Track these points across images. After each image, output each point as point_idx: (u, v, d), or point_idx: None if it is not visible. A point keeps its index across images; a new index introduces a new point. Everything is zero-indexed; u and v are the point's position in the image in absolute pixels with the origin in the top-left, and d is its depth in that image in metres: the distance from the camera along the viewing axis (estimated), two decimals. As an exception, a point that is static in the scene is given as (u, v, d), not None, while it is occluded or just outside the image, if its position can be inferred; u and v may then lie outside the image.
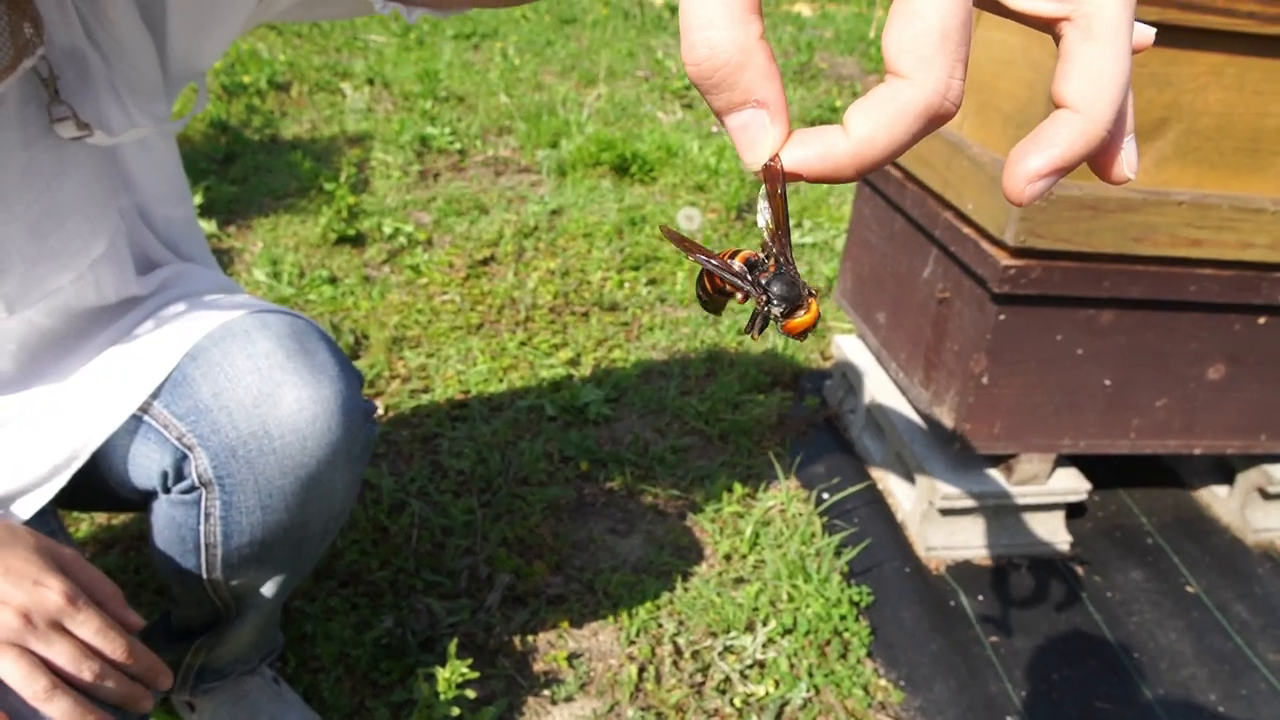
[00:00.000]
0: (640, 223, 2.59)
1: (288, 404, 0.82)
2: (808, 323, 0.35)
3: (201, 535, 0.86)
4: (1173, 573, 1.52)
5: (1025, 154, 0.29)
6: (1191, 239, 1.25)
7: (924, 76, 0.27)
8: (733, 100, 0.28)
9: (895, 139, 0.28)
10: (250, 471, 0.83)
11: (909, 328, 1.51)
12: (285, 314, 0.88)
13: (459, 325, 2.03)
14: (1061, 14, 0.29)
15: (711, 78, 0.28)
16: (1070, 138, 0.29)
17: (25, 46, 0.67)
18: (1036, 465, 1.44)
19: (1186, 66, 1.16)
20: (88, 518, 1.43)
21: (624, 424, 1.77)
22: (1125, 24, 0.29)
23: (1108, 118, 0.29)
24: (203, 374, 0.83)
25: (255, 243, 2.35)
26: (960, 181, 1.31)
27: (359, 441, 0.89)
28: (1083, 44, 0.29)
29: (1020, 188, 0.30)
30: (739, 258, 0.36)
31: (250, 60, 3.61)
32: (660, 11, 5.69)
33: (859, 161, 0.28)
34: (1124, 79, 0.29)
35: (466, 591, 1.36)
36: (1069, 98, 0.29)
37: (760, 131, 0.29)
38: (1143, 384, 1.39)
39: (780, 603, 1.37)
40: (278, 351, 0.83)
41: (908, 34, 0.27)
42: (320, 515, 0.90)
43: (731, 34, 0.27)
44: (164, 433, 0.83)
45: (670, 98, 3.93)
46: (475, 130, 3.28)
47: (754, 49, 0.27)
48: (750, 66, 0.28)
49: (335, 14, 0.84)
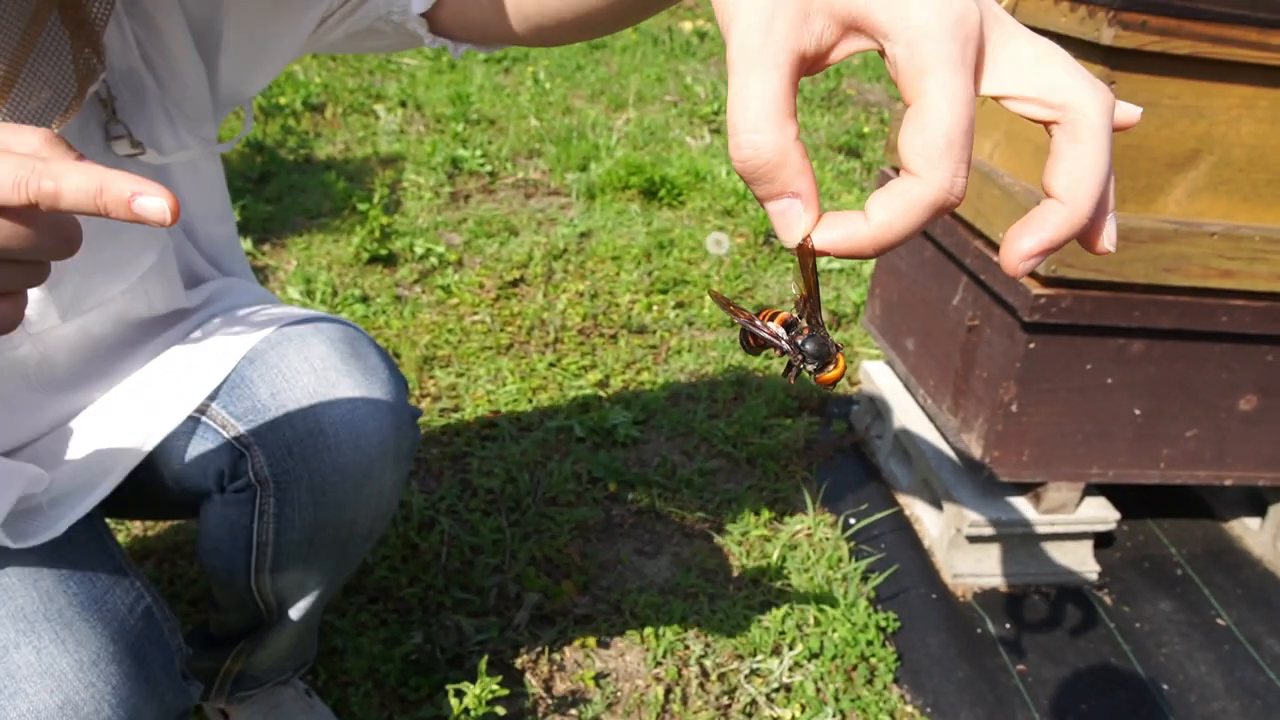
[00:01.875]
0: (668, 246, 2.61)
1: (342, 403, 0.85)
2: (835, 377, 0.42)
3: (254, 533, 0.88)
4: (1203, 605, 1.51)
5: (1019, 236, 0.35)
6: (1223, 270, 1.25)
7: (932, 176, 0.33)
8: (772, 191, 0.34)
9: (907, 226, 0.34)
10: (305, 469, 0.85)
11: (938, 355, 1.52)
12: (336, 320, 0.91)
13: (489, 345, 2.06)
14: (1052, 118, 0.35)
15: (755, 173, 0.34)
16: (1056, 224, 0.35)
17: (89, 74, 0.70)
18: (1065, 494, 1.44)
19: (1219, 99, 1.17)
20: (124, 529, 1.46)
21: (652, 446, 1.78)
22: (1105, 127, 0.35)
23: (1088, 208, 0.35)
24: (260, 376, 0.85)
25: (289, 261, 2.39)
26: (991, 210, 1.32)
27: (406, 442, 0.92)
28: (1069, 145, 0.35)
29: (1015, 264, 0.36)
30: (778, 319, 0.43)
31: (286, 82, 3.68)
32: (689, 38, 5.74)
33: (877, 244, 0.35)
34: (1104, 174, 0.35)
35: (495, 609, 1.37)
36: (1057, 190, 0.35)
37: (795, 217, 0.35)
38: (1173, 414, 1.39)
39: (807, 627, 1.38)
40: (332, 354, 0.86)
41: (919, 141, 0.33)
42: (368, 514, 0.92)
43: (773, 138, 0.33)
44: (221, 432, 0.86)
45: (698, 122, 3.96)
46: (506, 153, 3.32)
47: (790, 149, 0.33)
48: (788, 165, 0.33)
49: (382, 47, 0.87)
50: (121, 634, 0.75)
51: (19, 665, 0.68)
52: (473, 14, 0.75)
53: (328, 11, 0.79)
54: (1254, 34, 1.11)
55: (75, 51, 0.69)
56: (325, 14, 0.80)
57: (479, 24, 0.75)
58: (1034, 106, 0.35)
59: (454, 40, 0.79)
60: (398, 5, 0.77)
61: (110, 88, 0.78)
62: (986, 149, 1.38)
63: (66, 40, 0.68)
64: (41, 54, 0.66)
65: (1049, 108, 0.35)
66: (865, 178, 3.45)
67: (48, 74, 0.67)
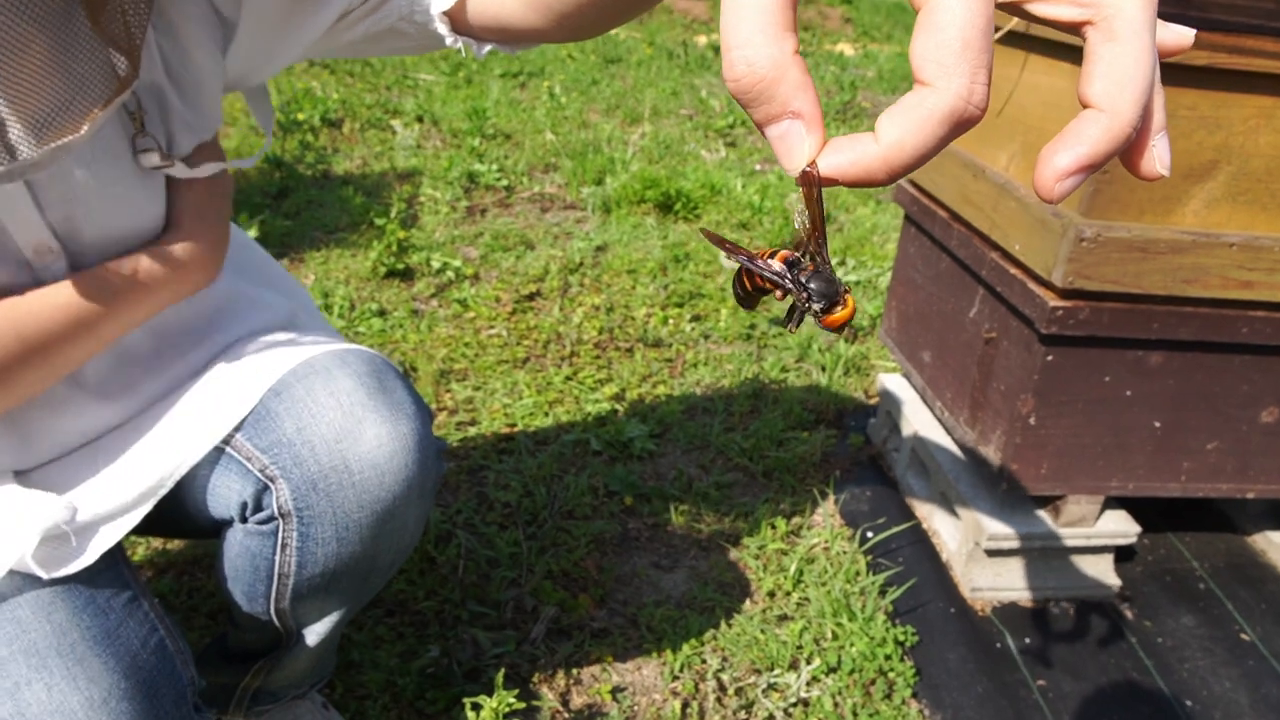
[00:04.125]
0: (684, 260, 2.61)
1: (368, 440, 0.84)
2: (845, 317, 0.37)
3: (276, 565, 0.88)
4: (1226, 619, 1.49)
5: (1054, 153, 0.31)
6: (1243, 281, 1.24)
7: (947, 84, 0.28)
8: (770, 112, 0.30)
9: (922, 143, 0.29)
10: (329, 504, 0.85)
11: (955, 367, 1.51)
12: (363, 351, 0.90)
13: (505, 359, 2.06)
14: (1084, 18, 0.31)
15: (750, 92, 0.30)
16: (1096, 136, 0.30)
17: (123, 83, 0.70)
18: (1084, 507, 1.43)
19: (1236, 109, 1.17)
20: (144, 541, 1.47)
21: (668, 459, 1.78)
22: (1146, 24, 0.30)
23: (1132, 115, 0.30)
24: (286, 409, 0.85)
25: (307, 275, 2.41)
26: (1007, 223, 1.32)
27: (430, 478, 0.91)
28: (1104, 45, 0.30)
29: (1050, 185, 0.31)
30: (778, 257, 0.39)
31: (304, 98, 3.71)
32: (704, 51, 5.76)
33: (889, 165, 0.30)
34: (1147, 77, 0.30)
35: (512, 623, 1.37)
36: (1094, 97, 0.31)
37: (797, 140, 0.31)
38: (1193, 426, 1.38)
39: (824, 641, 1.37)
40: (359, 389, 0.85)
41: (931, 44, 0.28)
42: (390, 548, 0.92)
43: (768, 51, 0.29)
44: (246, 464, 0.86)
45: (714, 136, 3.97)
46: (522, 167, 3.33)
47: (788, 64, 0.30)
48: (786, 80, 0.30)
49: (402, 48, 0.84)
50: (134, 669, 0.75)
51: (30, 704, 0.69)
52: (494, 9, 0.73)
53: (347, 8, 0.78)
54: (1271, 44, 1.11)
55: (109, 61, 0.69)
56: (345, 10, 0.78)
57: (501, 19, 0.73)
58: (1061, 7, 0.31)
59: (477, 40, 0.77)
60: (420, 4, 0.76)
61: (140, 101, 0.78)
62: (1003, 161, 1.38)
63: (95, 40, 0.68)
64: (69, 52, 0.67)
65: (1079, 5, 0.31)
66: (881, 190, 3.45)
67: (77, 72, 0.67)
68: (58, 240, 0.76)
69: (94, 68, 0.68)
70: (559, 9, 0.68)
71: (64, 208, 0.75)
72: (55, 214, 0.75)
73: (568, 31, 0.71)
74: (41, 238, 0.75)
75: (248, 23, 0.79)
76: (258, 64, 0.85)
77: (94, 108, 0.68)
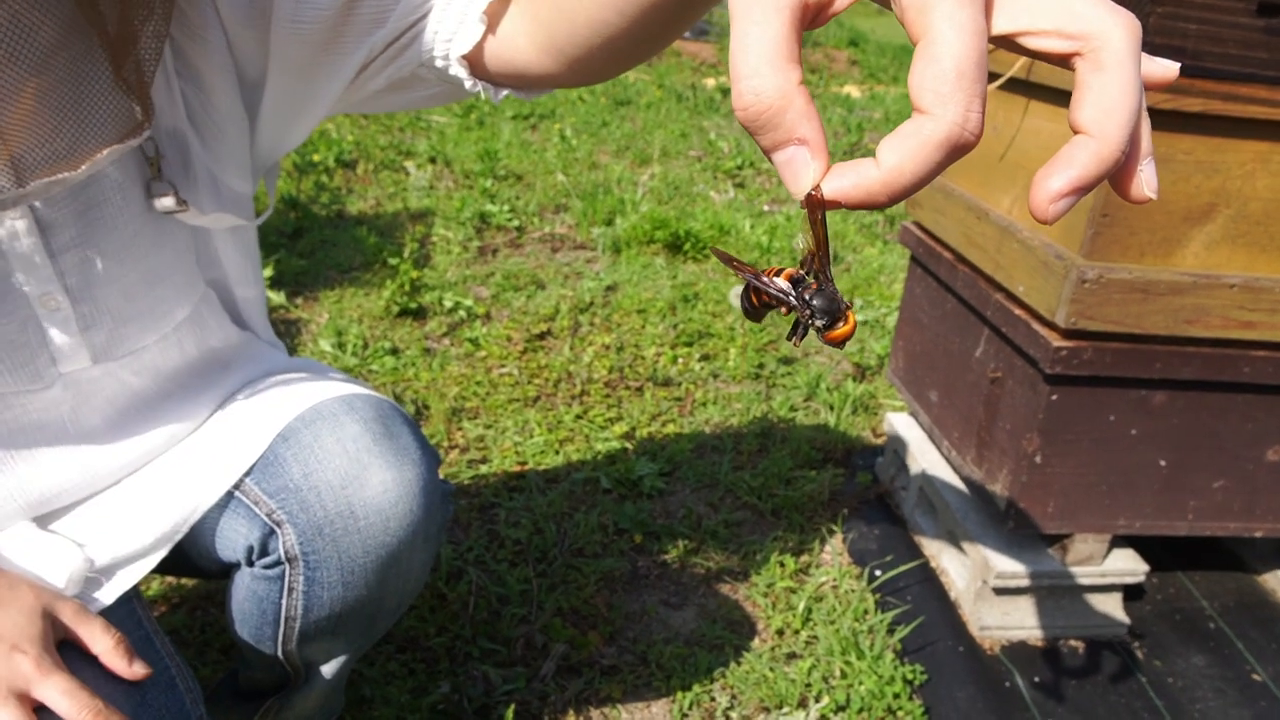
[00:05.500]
0: (693, 300, 2.64)
1: (374, 486, 0.86)
2: (846, 333, 0.39)
3: (283, 609, 0.90)
4: (1237, 659, 1.49)
5: (1046, 176, 0.33)
6: (1244, 321, 1.26)
7: (944, 111, 0.30)
8: (777, 139, 0.32)
9: (921, 168, 0.31)
10: (335, 549, 0.86)
11: (961, 406, 1.53)
12: (371, 396, 0.92)
13: (516, 397, 2.08)
14: (1073, 50, 0.33)
15: (758, 120, 0.32)
16: (1085, 160, 0.32)
17: (134, 129, 0.72)
18: (1092, 545, 1.43)
19: (1233, 154, 1.19)
20: (158, 577, 1.48)
21: (677, 497, 1.79)
22: (1131, 55, 0.32)
23: (1120, 140, 0.32)
24: (294, 454, 0.87)
25: (321, 314, 2.44)
26: (1011, 264, 1.34)
27: (436, 522, 0.93)
28: (1093, 75, 0.32)
29: (1044, 206, 0.33)
30: (783, 275, 0.41)
31: (320, 139, 3.78)
32: (712, 94, 5.83)
33: (889, 189, 0.32)
34: (1134, 104, 0.32)
35: (522, 660, 1.38)
36: (1083, 124, 0.33)
37: (803, 165, 0.33)
38: (1199, 465, 1.39)
39: (833, 679, 1.37)
40: (365, 435, 0.87)
41: (928, 74, 0.30)
42: (396, 592, 0.94)
43: (774, 81, 0.31)
44: (254, 509, 0.87)
45: (722, 177, 4.02)
46: (533, 208, 3.38)
47: (794, 93, 0.31)
48: (791, 109, 0.32)
49: (422, 98, 0.85)
50: (144, 707, 0.77)
51: None
52: (509, 54, 0.74)
53: (369, 57, 0.78)
54: (1265, 91, 1.13)
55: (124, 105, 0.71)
56: (367, 59, 0.78)
57: (516, 64, 0.74)
58: (1051, 40, 0.33)
59: (494, 85, 0.78)
60: (440, 50, 0.76)
61: (158, 146, 0.81)
62: (1005, 204, 1.41)
63: (109, 83, 0.69)
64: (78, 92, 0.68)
65: (1068, 39, 0.32)
66: (888, 230, 3.48)
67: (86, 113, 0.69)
68: (66, 294, 0.77)
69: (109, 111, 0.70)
70: (570, 54, 0.69)
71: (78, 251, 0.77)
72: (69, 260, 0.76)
73: (580, 76, 0.73)
74: (48, 289, 0.76)
75: (274, 78, 0.81)
76: (285, 123, 0.86)
77: (100, 149, 0.70)
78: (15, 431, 0.80)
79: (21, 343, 0.76)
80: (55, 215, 0.75)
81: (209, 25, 0.77)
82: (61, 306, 0.77)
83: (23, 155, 0.66)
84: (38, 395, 0.79)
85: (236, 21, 0.77)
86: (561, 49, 0.69)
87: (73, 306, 0.78)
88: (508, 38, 0.72)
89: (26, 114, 0.66)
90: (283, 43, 0.77)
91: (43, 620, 0.72)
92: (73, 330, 0.79)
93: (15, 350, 0.76)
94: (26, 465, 0.81)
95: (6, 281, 0.74)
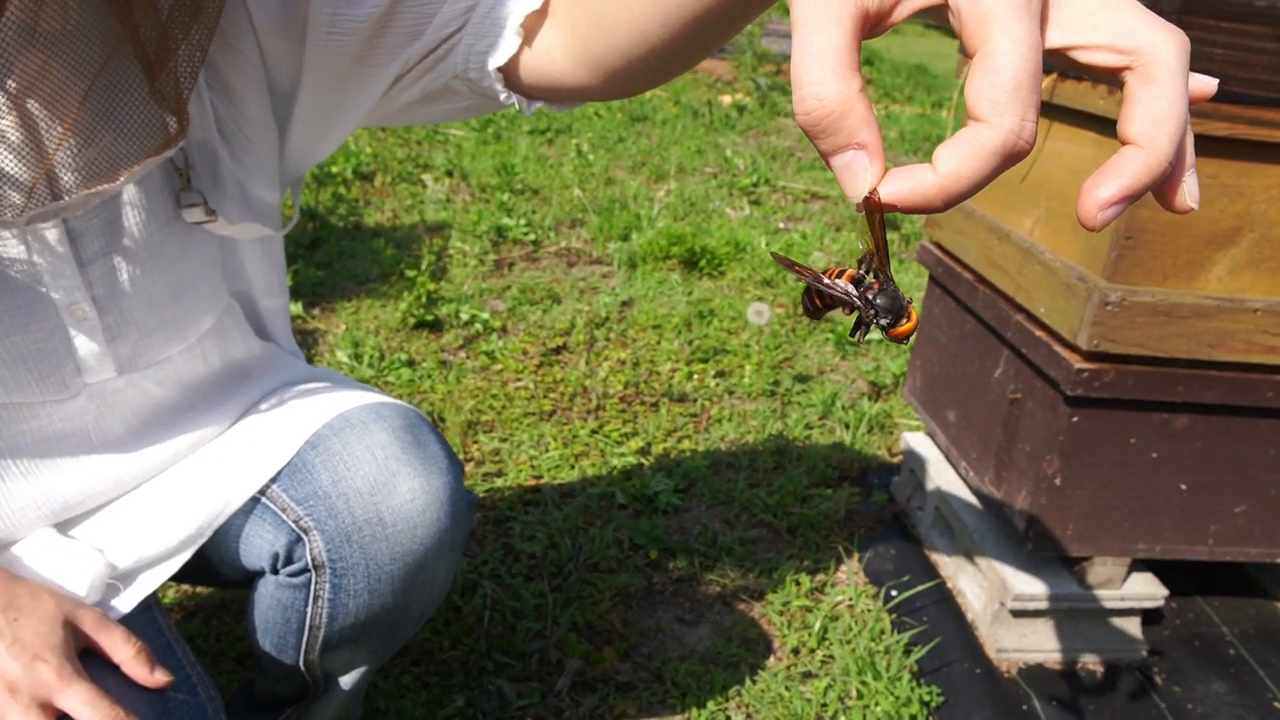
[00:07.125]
0: (709, 316, 2.64)
1: (402, 493, 0.86)
2: (910, 329, 0.40)
3: (307, 617, 0.89)
4: (1258, 686, 1.47)
5: (1097, 185, 0.34)
6: (1268, 345, 1.26)
7: (1000, 120, 0.32)
8: (837, 143, 0.33)
9: (976, 174, 0.32)
10: (362, 556, 0.86)
11: (980, 427, 1.52)
12: (398, 405, 0.92)
13: (532, 411, 2.09)
14: (1124, 64, 0.34)
15: (820, 125, 0.33)
16: (1135, 170, 0.34)
17: (169, 141, 0.73)
18: (1111, 569, 1.42)
19: (1258, 178, 1.19)
20: (173, 585, 1.49)
21: (693, 514, 1.79)
22: (1180, 70, 0.33)
23: (1168, 151, 0.33)
24: (322, 461, 0.87)
25: (338, 325, 2.45)
26: (1032, 285, 1.34)
27: (461, 531, 0.93)
28: (1143, 88, 0.34)
29: (1093, 213, 0.34)
30: (845, 276, 0.42)
31: (337, 151, 3.80)
32: (728, 111, 5.85)
33: (945, 194, 0.33)
34: (1182, 117, 0.33)
35: (537, 675, 1.37)
36: (1133, 135, 0.34)
37: (861, 170, 0.34)
38: (1220, 490, 1.38)
39: (849, 699, 1.37)
40: (393, 443, 0.87)
41: (986, 84, 0.32)
42: (420, 600, 0.93)
43: (836, 88, 0.32)
44: (281, 515, 0.87)
45: (738, 194, 4.03)
46: (549, 222, 3.39)
47: (855, 100, 0.33)
48: (852, 115, 0.33)
49: (454, 110, 0.84)
50: (166, 717, 0.77)
51: None
52: (544, 66, 0.73)
53: (404, 69, 0.78)
54: (1292, 116, 1.13)
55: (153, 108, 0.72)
56: (402, 71, 0.78)
57: (552, 77, 0.74)
58: (1104, 54, 0.34)
59: (527, 98, 0.78)
60: (475, 62, 0.75)
61: (188, 156, 0.81)
62: (1027, 225, 1.41)
63: (145, 96, 0.70)
64: (116, 104, 0.69)
65: (1119, 53, 0.34)
66: (905, 249, 3.48)
67: (123, 126, 0.69)
68: (93, 304, 0.77)
69: (146, 124, 0.71)
70: (608, 66, 0.69)
71: (106, 261, 0.77)
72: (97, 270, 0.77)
73: (615, 88, 0.72)
74: (76, 299, 0.76)
75: (306, 90, 0.81)
76: (317, 135, 0.86)
77: (136, 161, 0.70)
78: (39, 441, 0.80)
79: (48, 352, 0.77)
80: (84, 225, 0.75)
81: (242, 36, 0.77)
82: (88, 316, 0.77)
83: (62, 168, 0.66)
84: (63, 405, 0.80)
85: (270, 32, 0.77)
86: (599, 61, 0.69)
87: (99, 317, 0.78)
88: (544, 50, 0.72)
89: (70, 127, 0.67)
90: (317, 54, 0.78)
91: (64, 629, 0.72)
92: (99, 340, 0.79)
93: (42, 359, 0.76)
94: (50, 474, 0.81)
95: (35, 290, 0.74)
